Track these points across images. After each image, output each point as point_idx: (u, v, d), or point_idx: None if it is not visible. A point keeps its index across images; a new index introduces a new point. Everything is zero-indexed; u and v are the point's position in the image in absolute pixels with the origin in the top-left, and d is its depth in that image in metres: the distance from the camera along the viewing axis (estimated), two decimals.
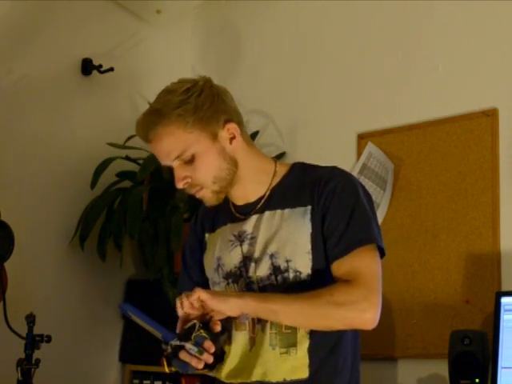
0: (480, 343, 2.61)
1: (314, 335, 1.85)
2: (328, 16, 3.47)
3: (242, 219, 1.96)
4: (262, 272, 1.89)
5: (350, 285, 1.79)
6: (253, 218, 1.94)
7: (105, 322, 3.40)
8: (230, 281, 1.94)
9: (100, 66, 3.41)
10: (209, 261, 2.01)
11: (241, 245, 1.93)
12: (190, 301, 1.78)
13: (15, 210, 2.90)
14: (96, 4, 3.50)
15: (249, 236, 1.93)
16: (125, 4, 3.60)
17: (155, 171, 3.20)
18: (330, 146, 3.31)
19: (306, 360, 1.85)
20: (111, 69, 3.43)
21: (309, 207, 1.88)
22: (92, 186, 3.22)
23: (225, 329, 1.91)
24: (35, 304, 2.85)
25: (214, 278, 1.98)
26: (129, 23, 3.66)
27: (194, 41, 3.90)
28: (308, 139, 3.41)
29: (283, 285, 1.86)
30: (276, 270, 1.87)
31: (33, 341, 2.46)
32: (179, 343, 1.73)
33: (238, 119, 1.94)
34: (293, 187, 1.93)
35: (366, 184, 2.96)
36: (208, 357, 1.75)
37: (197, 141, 1.86)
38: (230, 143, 1.90)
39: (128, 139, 3.32)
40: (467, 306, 2.85)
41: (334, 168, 1.96)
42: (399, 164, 3.12)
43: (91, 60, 3.40)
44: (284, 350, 1.85)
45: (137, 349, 3.35)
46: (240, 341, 1.90)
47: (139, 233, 3.18)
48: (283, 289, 1.85)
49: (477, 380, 2.58)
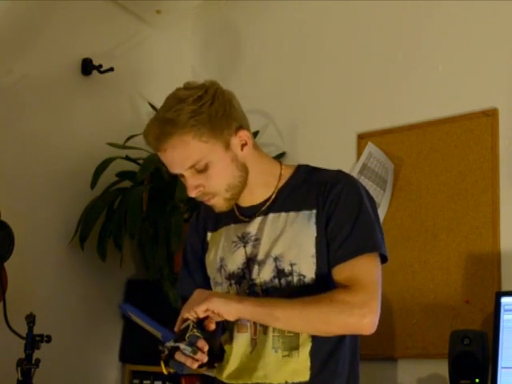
0: (480, 343, 2.61)
1: (316, 338, 1.85)
2: (328, 16, 3.47)
3: (246, 221, 1.95)
4: (266, 275, 1.89)
5: (350, 290, 1.79)
6: (257, 220, 1.94)
7: (105, 322, 3.40)
8: (233, 282, 1.94)
9: (100, 66, 3.41)
10: (211, 260, 2.00)
11: (244, 246, 1.93)
12: (198, 314, 1.78)
13: (15, 210, 2.90)
14: (96, 4, 3.50)
15: (252, 238, 1.93)
16: (125, 4, 3.60)
17: (155, 171, 3.20)
18: (330, 146, 3.31)
19: (308, 363, 1.85)
20: (111, 69, 3.42)
21: (314, 211, 1.88)
22: (92, 186, 3.22)
23: (225, 328, 1.92)
24: (35, 304, 2.85)
25: (217, 279, 1.97)
26: (129, 23, 3.66)
27: (194, 41, 3.90)
28: (308, 139, 3.41)
29: (287, 288, 1.86)
30: (280, 273, 1.87)
31: (33, 341, 2.46)
32: (174, 344, 1.74)
33: (247, 124, 1.93)
34: (298, 190, 1.93)
35: (366, 184, 2.96)
36: (202, 356, 1.75)
37: (211, 150, 1.85)
38: (242, 150, 1.90)
39: (128, 139, 3.33)
40: (467, 306, 2.85)
41: (339, 172, 1.96)
42: (399, 164, 3.12)
43: (91, 60, 3.40)
44: (286, 353, 1.86)
45: (137, 349, 3.35)
46: (241, 342, 1.90)
47: (139, 233, 3.18)
48: (287, 292, 1.85)
49: (477, 380, 2.58)
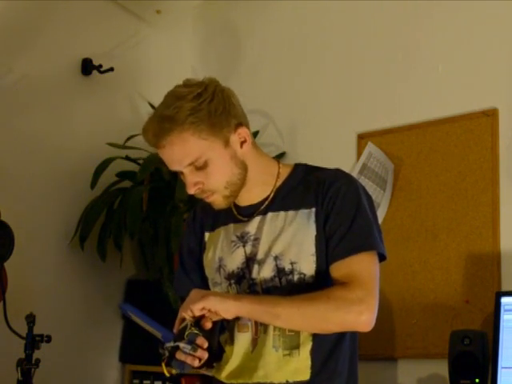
0: (480, 343, 2.61)
1: (317, 337, 1.85)
2: (328, 16, 3.47)
3: (245, 221, 1.95)
4: (266, 274, 1.89)
5: (347, 287, 1.79)
6: (256, 220, 1.94)
7: (105, 322, 3.40)
8: (233, 282, 1.93)
9: (100, 66, 3.41)
10: (209, 261, 2.00)
11: (243, 246, 1.93)
12: (194, 312, 1.78)
13: (15, 210, 2.90)
14: (96, 4, 3.50)
15: (252, 237, 1.92)
16: (125, 4, 3.60)
17: (155, 171, 3.20)
18: (330, 146, 3.31)
19: (309, 362, 1.85)
20: (111, 69, 3.43)
21: (313, 209, 1.89)
22: (92, 186, 3.22)
23: (224, 328, 1.91)
24: (35, 304, 2.85)
25: (216, 279, 1.97)
26: (129, 23, 3.66)
27: (194, 41, 3.90)
28: (308, 139, 3.41)
29: (287, 287, 1.86)
30: (280, 272, 1.87)
31: (33, 341, 2.46)
32: (173, 344, 1.75)
33: (246, 121, 1.93)
34: (296, 189, 1.93)
35: (366, 184, 2.96)
36: (202, 353, 1.75)
37: (210, 147, 1.85)
38: (241, 147, 1.90)
39: (128, 139, 3.33)
40: (467, 306, 2.85)
41: (337, 170, 1.96)
42: (399, 164, 3.12)
43: (91, 60, 3.40)
44: (287, 352, 1.86)
45: (137, 349, 3.34)
46: (242, 342, 1.90)
47: (139, 233, 3.18)
48: (287, 291, 1.85)
49: (477, 380, 2.58)
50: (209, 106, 1.84)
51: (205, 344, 1.76)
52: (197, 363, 1.75)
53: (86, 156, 3.32)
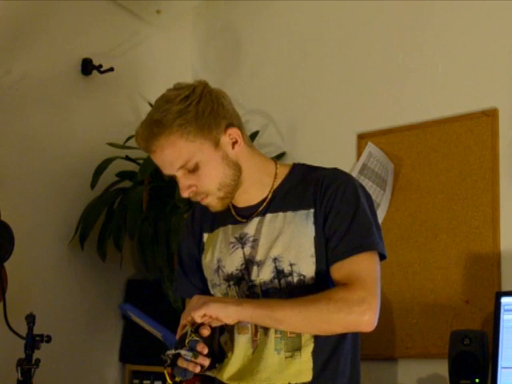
0: (480, 343, 2.61)
1: (318, 338, 1.85)
2: (328, 16, 3.47)
3: (244, 222, 1.95)
4: (265, 276, 1.88)
5: (348, 288, 1.79)
6: (254, 221, 1.93)
7: (105, 322, 3.40)
8: (232, 283, 1.93)
9: (100, 66, 3.41)
10: (208, 262, 1.99)
11: (242, 247, 1.93)
12: (196, 319, 1.78)
13: (15, 210, 2.90)
14: (96, 4, 3.50)
15: (250, 238, 1.92)
16: (125, 4, 3.60)
17: (155, 171, 3.19)
18: (330, 146, 3.31)
19: (310, 363, 1.85)
20: (111, 69, 3.42)
21: (312, 210, 1.88)
22: (92, 186, 3.22)
23: (224, 329, 1.91)
24: (35, 304, 2.85)
25: (214, 280, 1.97)
26: (129, 23, 3.66)
27: (194, 41, 3.90)
28: (308, 139, 3.41)
29: (287, 289, 1.86)
30: (279, 274, 1.87)
31: (33, 341, 2.45)
32: (175, 352, 1.76)
33: (238, 122, 1.92)
34: (294, 189, 1.93)
35: (366, 184, 2.96)
36: (203, 359, 1.76)
37: (200, 149, 1.84)
38: (233, 148, 1.89)
39: (128, 139, 3.33)
40: (467, 306, 2.85)
41: (335, 170, 1.96)
42: (399, 164, 3.12)
43: (91, 60, 3.40)
44: (289, 354, 1.85)
45: (137, 349, 3.34)
46: (242, 344, 1.90)
47: (139, 233, 3.18)
48: (287, 292, 1.85)
49: (477, 380, 2.58)
50: (196, 108, 1.83)
51: (205, 350, 1.76)
52: (198, 369, 1.76)
53: (86, 156, 3.32)
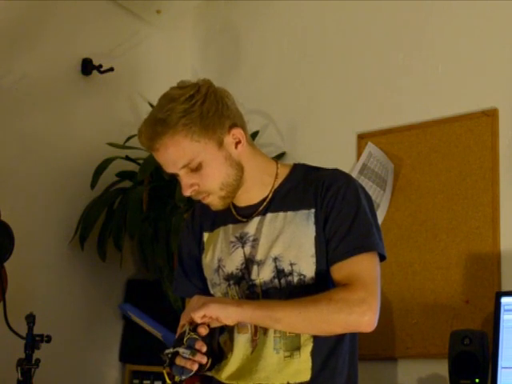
0: (480, 343, 2.61)
1: (317, 338, 1.85)
2: (328, 16, 3.47)
3: (244, 221, 1.95)
4: (266, 275, 1.88)
5: (349, 288, 1.79)
6: (255, 220, 1.93)
7: (105, 322, 3.40)
8: (232, 282, 1.93)
9: (100, 66, 3.41)
10: (208, 261, 1.99)
11: (242, 247, 1.93)
12: (196, 319, 1.78)
13: (15, 210, 2.90)
14: (96, 4, 3.50)
15: (251, 238, 1.92)
16: (125, 4, 3.60)
17: (155, 171, 3.20)
18: (330, 146, 3.31)
19: (309, 363, 1.85)
20: (111, 69, 3.42)
21: (312, 210, 1.88)
22: (92, 186, 3.22)
23: (224, 329, 1.91)
24: (35, 304, 2.85)
25: (214, 279, 1.97)
26: (129, 23, 3.66)
27: (194, 41, 3.90)
28: (308, 139, 3.41)
29: (287, 288, 1.86)
30: (280, 274, 1.87)
31: (33, 341, 2.45)
32: (173, 350, 1.75)
33: (242, 122, 1.93)
34: (295, 189, 1.93)
35: (366, 184, 2.96)
36: (201, 357, 1.76)
37: (203, 149, 1.85)
38: (236, 148, 1.90)
39: (128, 139, 3.33)
40: (467, 306, 2.85)
41: (336, 170, 1.96)
42: (399, 164, 3.12)
43: (91, 60, 3.40)
44: (288, 354, 1.86)
45: (137, 349, 3.34)
46: (242, 343, 1.90)
47: (139, 233, 3.18)
48: (287, 292, 1.85)
49: (477, 380, 2.58)
50: (201, 108, 1.84)
51: (203, 348, 1.76)
52: (196, 367, 1.75)
53: (86, 156, 3.32)
